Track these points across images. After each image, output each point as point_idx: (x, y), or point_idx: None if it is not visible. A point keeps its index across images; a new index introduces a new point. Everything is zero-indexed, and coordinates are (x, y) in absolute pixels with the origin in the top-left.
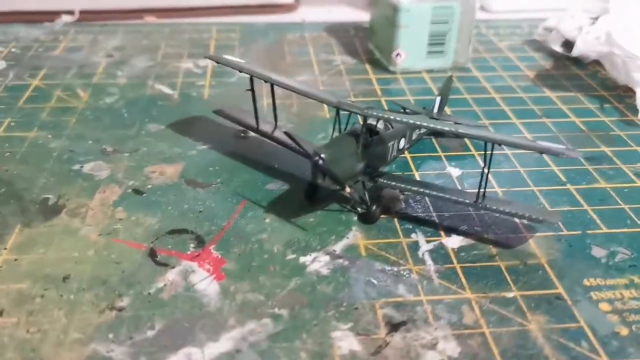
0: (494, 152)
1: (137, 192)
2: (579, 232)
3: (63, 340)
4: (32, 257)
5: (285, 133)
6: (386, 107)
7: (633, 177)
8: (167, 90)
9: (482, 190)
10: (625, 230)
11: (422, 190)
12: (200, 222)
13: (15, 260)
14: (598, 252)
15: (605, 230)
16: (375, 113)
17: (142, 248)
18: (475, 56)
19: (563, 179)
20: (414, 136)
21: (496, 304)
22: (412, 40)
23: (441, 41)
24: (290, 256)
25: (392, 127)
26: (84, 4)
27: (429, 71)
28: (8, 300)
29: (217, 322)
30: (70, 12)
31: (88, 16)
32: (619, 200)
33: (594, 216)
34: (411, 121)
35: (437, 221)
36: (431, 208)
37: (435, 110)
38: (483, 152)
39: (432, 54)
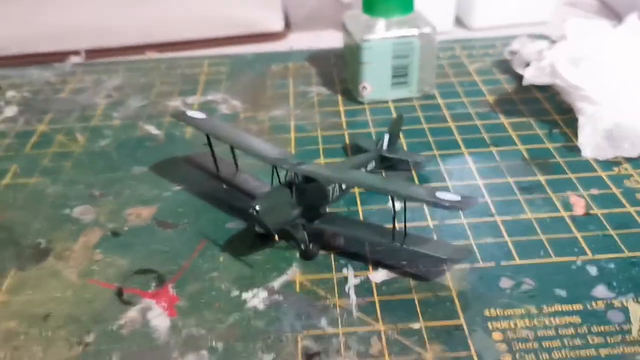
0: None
1: (114, 234)
2: (493, 264)
3: None
4: (22, 299)
5: (227, 187)
6: (347, 141)
7: (559, 206)
8: (154, 130)
9: (397, 229)
10: (536, 261)
11: (345, 231)
12: (165, 261)
13: (6, 301)
14: (505, 283)
15: (517, 261)
16: (303, 167)
17: (112, 287)
18: (443, 81)
19: (492, 210)
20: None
21: (403, 334)
22: (376, 74)
23: (404, 73)
24: (235, 292)
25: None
26: (89, 43)
27: (396, 101)
28: (0, 339)
29: (163, 355)
30: (77, 53)
31: (94, 54)
32: (538, 231)
33: (511, 247)
34: (326, 174)
35: (368, 256)
36: (366, 244)
37: (385, 146)
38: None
39: (396, 85)
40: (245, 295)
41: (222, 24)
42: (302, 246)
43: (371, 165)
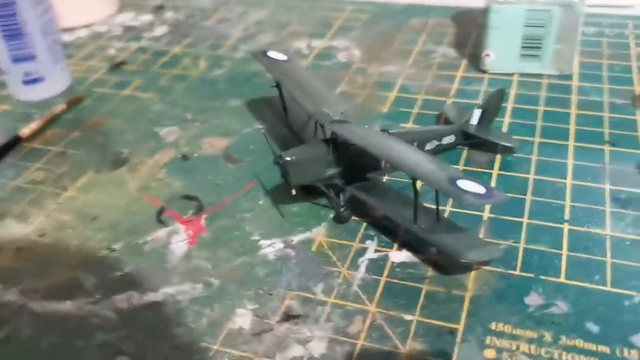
0: None
1: (184, 157)
2: (531, 275)
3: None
4: (86, 198)
5: (264, 134)
6: (446, 109)
7: None
8: None
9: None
10: (585, 284)
11: (374, 202)
12: (212, 192)
13: (73, 197)
14: (533, 299)
15: (562, 279)
16: (335, 126)
17: (157, 206)
18: (591, 61)
19: (566, 216)
20: (428, 146)
21: (389, 322)
22: (503, 42)
23: (537, 45)
24: (255, 237)
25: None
26: None
27: (524, 75)
28: (52, 226)
29: (165, 278)
30: None
31: None
32: (607, 251)
33: (564, 262)
34: (354, 137)
35: (399, 234)
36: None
37: (473, 122)
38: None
39: (526, 57)
40: (263, 242)
41: None
42: (335, 208)
43: (449, 139)
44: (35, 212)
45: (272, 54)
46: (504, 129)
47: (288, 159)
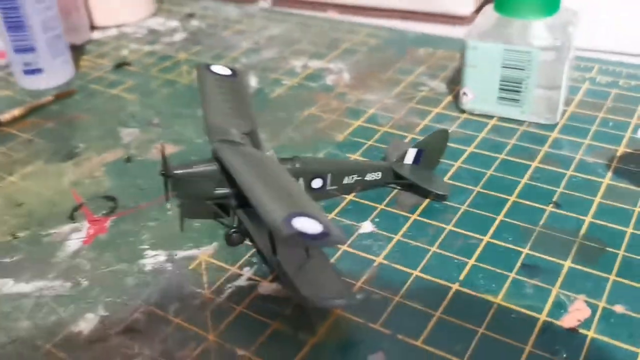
0: None
1: (127, 160)
2: (389, 332)
3: None
4: (27, 184)
5: (161, 145)
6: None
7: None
8: (253, 83)
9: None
10: (440, 352)
11: (249, 228)
12: (132, 197)
13: (15, 183)
14: (377, 358)
15: (418, 343)
16: (224, 148)
17: (78, 202)
18: (587, 113)
19: (462, 277)
20: (347, 179)
21: (219, 354)
22: (480, 81)
23: (515, 88)
24: (144, 246)
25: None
26: None
27: (503, 119)
28: None
29: (43, 271)
30: None
31: (281, 2)
32: (484, 323)
33: (431, 325)
34: (233, 164)
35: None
36: None
37: (408, 161)
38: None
39: (504, 101)
40: (149, 253)
41: None
42: (225, 229)
43: (374, 176)
44: None
45: (215, 68)
46: (450, 173)
47: (176, 172)
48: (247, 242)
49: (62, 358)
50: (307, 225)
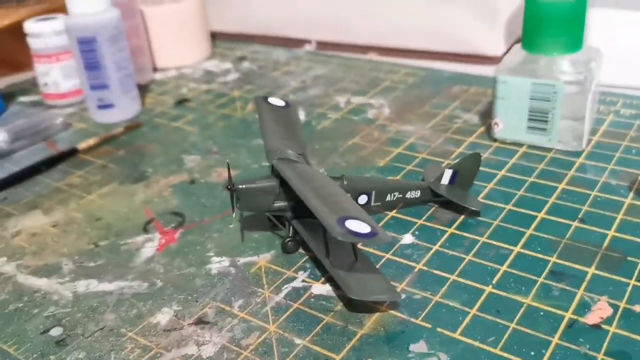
0: None
1: (191, 182)
2: (429, 326)
3: (62, 248)
4: (100, 202)
5: (227, 163)
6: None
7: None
8: (301, 116)
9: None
10: (475, 343)
11: (306, 237)
12: (197, 213)
13: (93, 201)
14: (418, 347)
15: (456, 335)
16: (280, 164)
17: (149, 217)
18: (612, 142)
19: (495, 281)
20: (389, 197)
21: (279, 342)
22: (510, 112)
23: (543, 118)
24: (210, 253)
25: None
26: (325, 35)
27: (532, 147)
28: (65, 221)
29: (123, 273)
30: (309, 42)
31: (325, 46)
32: (515, 320)
33: (467, 320)
34: (292, 177)
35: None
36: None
37: (444, 181)
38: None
39: (533, 130)
40: (214, 259)
41: (444, 40)
42: (285, 239)
43: (414, 194)
44: (59, 208)
45: (272, 100)
46: (483, 194)
47: (240, 187)
48: (301, 250)
49: (143, 342)
50: (357, 226)
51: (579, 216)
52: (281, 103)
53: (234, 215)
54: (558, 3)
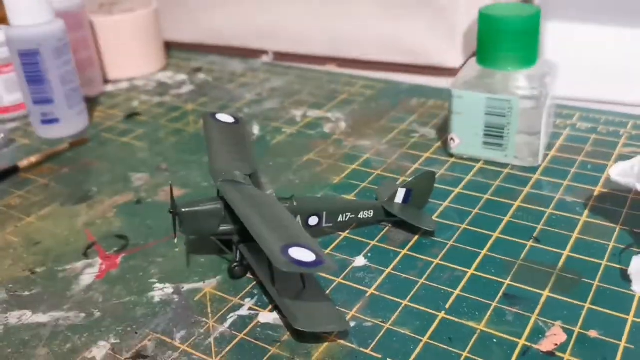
0: None
1: (138, 202)
2: (379, 356)
3: None
4: (39, 225)
5: (170, 185)
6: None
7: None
8: (255, 130)
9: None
10: None
11: (253, 263)
12: (142, 235)
13: (32, 223)
14: None
15: None
16: (226, 187)
17: (91, 240)
18: (567, 157)
19: (448, 305)
20: (341, 217)
21: None
22: (466, 127)
23: (498, 134)
24: (153, 280)
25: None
26: (282, 46)
27: (489, 162)
28: (0, 245)
29: (59, 303)
30: (266, 53)
31: (281, 57)
32: (467, 348)
33: (419, 349)
34: (235, 201)
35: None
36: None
37: (398, 201)
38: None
39: (489, 145)
40: (157, 286)
41: (402, 51)
42: (229, 264)
43: (367, 214)
44: None
45: (220, 116)
46: (438, 212)
47: (183, 210)
48: (249, 275)
49: None
50: (302, 254)
51: (534, 235)
52: (230, 119)
53: (175, 240)
54: (511, 17)
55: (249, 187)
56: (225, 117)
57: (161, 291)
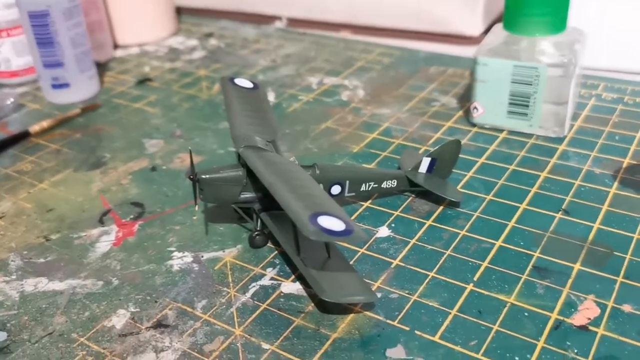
0: None
1: (153, 169)
2: (407, 328)
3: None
4: (54, 191)
5: (190, 151)
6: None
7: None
8: (271, 97)
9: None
10: (455, 347)
11: (274, 230)
12: (158, 203)
13: (45, 189)
14: (395, 352)
15: (435, 338)
16: (248, 152)
17: (107, 207)
18: (596, 128)
19: (476, 278)
20: (364, 187)
21: (245, 347)
22: (490, 96)
23: (524, 103)
24: (171, 248)
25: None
26: (296, 12)
27: (513, 132)
28: (14, 212)
29: (76, 271)
30: (279, 18)
31: (295, 23)
32: (497, 322)
33: (447, 322)
34: (259, 167)
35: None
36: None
37: (422, 171)
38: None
39: (513, 115)
40: (176, 254)
41: (420, 18)
42: (250, 233)
43: (390, 184)
44: (8, 197)
45: (238, 81)
46: (462, 183)
47: (203, 177)
48: (270, 244)
49: (96, 349)
50: (331, 223)
51: (563, 207)
52: (249, 84)
53: (196, 207)
54: None
55: (271, 154)
56: (243, 82)
57: (180, 260)
